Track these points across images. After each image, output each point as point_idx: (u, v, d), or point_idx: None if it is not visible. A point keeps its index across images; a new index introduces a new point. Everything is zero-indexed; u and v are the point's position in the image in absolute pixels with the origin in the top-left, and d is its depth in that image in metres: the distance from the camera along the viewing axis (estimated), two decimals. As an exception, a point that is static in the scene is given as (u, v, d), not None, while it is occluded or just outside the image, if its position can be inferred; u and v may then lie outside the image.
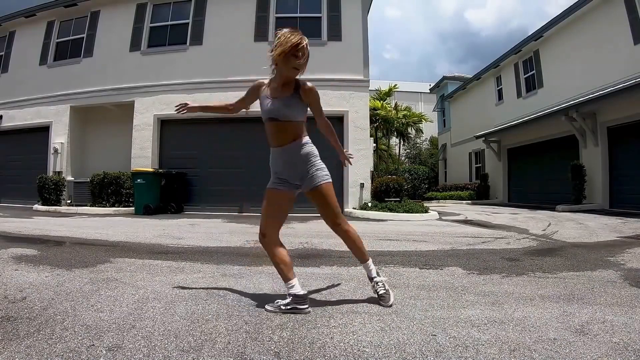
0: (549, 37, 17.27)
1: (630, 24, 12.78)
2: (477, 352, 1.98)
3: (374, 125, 20.31)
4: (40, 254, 4.67)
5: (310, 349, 2.01)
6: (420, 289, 3.26)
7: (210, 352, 1.94)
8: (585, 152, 14.41)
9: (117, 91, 13.85)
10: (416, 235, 7.00)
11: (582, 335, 2.21)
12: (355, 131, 12.60)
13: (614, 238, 6.52)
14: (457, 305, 2.80)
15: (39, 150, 14.75)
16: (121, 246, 5.53)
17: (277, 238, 2.80)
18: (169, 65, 13.48)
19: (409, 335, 2.20)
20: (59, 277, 3.47)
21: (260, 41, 13.03)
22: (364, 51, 12.89)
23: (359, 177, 12.40)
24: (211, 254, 4.98)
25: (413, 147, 32.73)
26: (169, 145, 13.66)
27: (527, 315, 2.57)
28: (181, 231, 7.43)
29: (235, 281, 3.49)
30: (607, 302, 2.88)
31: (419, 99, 37.98)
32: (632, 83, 11.40)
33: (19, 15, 15.67)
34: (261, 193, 2.87)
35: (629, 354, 1.95)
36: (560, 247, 5.62)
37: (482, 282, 3.50)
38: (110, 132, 14.70)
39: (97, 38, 14.54)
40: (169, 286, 3.26)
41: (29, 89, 15.11)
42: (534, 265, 4.25)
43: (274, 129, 2.72)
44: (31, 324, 2.27)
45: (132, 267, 4.03)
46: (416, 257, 4.79)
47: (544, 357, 1.92)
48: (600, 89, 13.29)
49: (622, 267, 4.12)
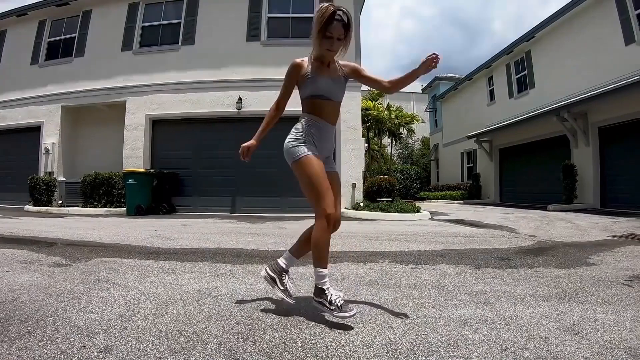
0: (541, 38, 17.39)
1: (622, 25, 12.89)
2: (469, 351, 1.99)
3: (366, 125, 20.36)
4: (31, 255, 4.63)
5: (302, 349, 2.01)
6: (412, 289, 3.27)
7: (202, 353, 1.94)
8: (576, 152, 14.52)
9: (108, 91, 13.78)
10: (408, 235, 7.01)
11: (574, 334, 2.23)
12: (347, 131, 12.60)
13: (605, 237, 6.56)
14: (448, 305, 2.81)
15: (30, 151, 14.65)
16: (113, 247, 5.50)
17: None
18: (161, 65, 13.43)
19: (400, 335, 2.21)
20: (50, 278, 3.44)
21: (252, 41, 13.03)
22: (356, 51, 12.89)
23: (351, 177, 12.41)
24: (203, 254, 4.96)
25: (405, 147, 32.76)
26: (160, 145, 13.61)
27: (518, 314, 2.59)
28: (173, 231, 7.40)
29: (227, 281, 3.48)
30: (598, 300, 2.90)
31: (411, 99, 38.02)
32: (623, 84, 11.50)
33: (10, 14, 15.52)
34: (252, 193, 2.84)
35: (620, 352, 1.97)
36: (552, 247, 5.65)
37: (473, 282, 3.51)
38: (101, 132, 14.63)
39: (89, 37, 14.46)
40: (161, 287, 3.25)
41: (20, 88, 15.01)
42: (526, 265, 4.27)
43: (326, 107, 2.69)
44: (22, 326, 2.25)
45: (124, 267, 4.01)
46: (408, 257, 4.80)
47: (536, 356, 1.93)
48: (592, 89, 13.40)
49: (613, 266, 4.15)
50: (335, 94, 2.70)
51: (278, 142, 2.83)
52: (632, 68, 12.05)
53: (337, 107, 2.76)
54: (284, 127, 3.06)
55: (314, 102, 2.67)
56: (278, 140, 2.93)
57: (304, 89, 2.68)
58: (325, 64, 2.70)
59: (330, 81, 2.66)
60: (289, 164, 2.66)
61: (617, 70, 12.68)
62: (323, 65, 2.69)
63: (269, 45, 12.97)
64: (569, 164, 14.02)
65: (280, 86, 2.76)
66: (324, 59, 2.68)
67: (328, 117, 2.69)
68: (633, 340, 2.12)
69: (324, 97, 2.66)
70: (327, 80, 2.65)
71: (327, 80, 2.65)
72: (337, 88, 2.71)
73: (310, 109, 2.69)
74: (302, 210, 11.84)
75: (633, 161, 12.22)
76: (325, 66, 2.70)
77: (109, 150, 13.91)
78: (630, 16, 12.61)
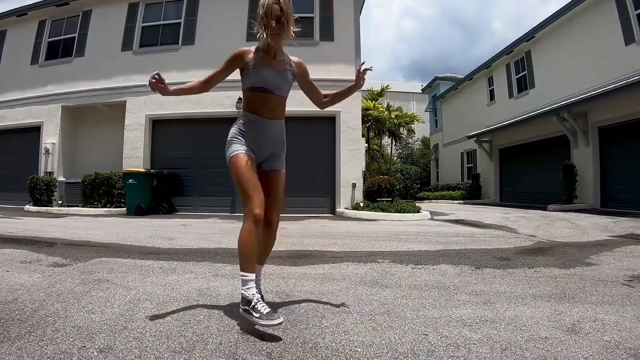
0: (541, 38, 17.38)
1: (622, 25, 12.88)
2: (469, 351, 1.99)
3: (366, 125, 20.31)
4: (31, 255, 4.63)
5: (302, 349, 2.01)
6: (412, 289, 3.27)
7: (202, 353, 1.94)
8: (576, 152, 14.51)
9: (108, 91, 13.78)
10: (408, 235, 7.02)
11: (574, 334, 2.23)
12: (348, 131, 12.61)
13: (605, 237, 6.56)
14: (448, 305, 2.81)
15: (30, 151, 14.65)
16: (113, 247, 5.50)
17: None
18: (160, 65, 13.34)
19: (400, 335, 2.21)
20: (50, 278, 3.44)
21: (252, 41, 12.93)
22: (356, 51, 12.91)
23: (351, 177, 12.41)
24: (203, 254, 4.96)
25: (405, 147, 32.72)
26: (160, 145, 13.62)
27: (518, 314, 2.58)
28: (173, 232, 7.40)
29: (227, 281, 3.48)
30: (598, 300, 2.90)
31: (411, 99, 37.99)
32: (623, 84, 11.49)
33: (10, 14, 15.51)
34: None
35: (620, 352, 1.97)
36: (552, 247, 5.65)
37: (473, 282, 3.51)
38: (101, 132, 14.64)
39: (89, 37, 14.45)
40: (161, 287, 3.25)
41: (20, 88, 15.00)
42: (526, 265, 4.27)
43: (264, 101, 2.57)
44: (22, 326, 2.25)
45: (124, 268, 4.01)
46: (408, 257, 4.80)
47: (536, 356, 1.93)
48: (592, 89, 13.39)
49: (613, 266, 4.15)
50: (278, 87, 2.58)
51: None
52: (632, 68, 12.04)
53: (281, 101, 2.64)
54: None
55: (254, 96, 2.58)
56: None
57: (246, 80, 2.60)
58: (271, 55, 2.58)
59: (273, 72, 2.56)
60: None
61: (617, 70, 12.67)
62: (269, 57, 2.58)
63: (269, 45, 12.91)
64: (569, 164, 14.02)
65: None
66: (269, 50, 2.56)
67: (269, 113, 2.58)
68: (633, 340, 2.12)
69: (265, 89, 2.55)
70: (270, 71, 2.55)
71: (270, 72, 2.55)
72: (281, 81, 2.59)
73: (248, 105, 2.62)
74: (303, 210, 11.84)
75: (633, 161, 12.22)
76: (271, 57, 2.58)
77: (109, 150, 13.91)
78: (630, 16, 12.60)
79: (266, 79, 2.54)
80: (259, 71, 2.54)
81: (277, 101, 2.61)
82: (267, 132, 2.60)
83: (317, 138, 12.81)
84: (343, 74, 12.77)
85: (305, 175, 12.26)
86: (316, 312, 2.60)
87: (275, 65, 2.58)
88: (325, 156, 12.69)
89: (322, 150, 12.74)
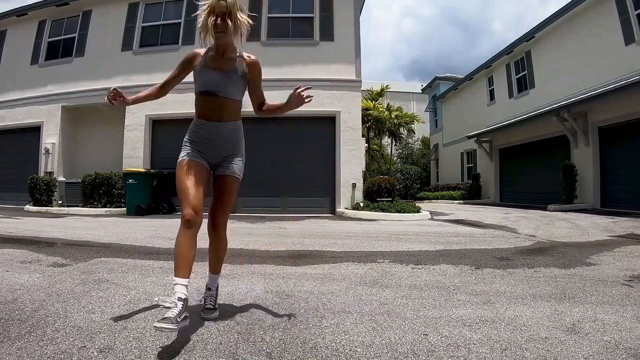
0: (541, 38, 17.38)
1: (622, 25, 12.88)
2: (469, 351, 1.99)
3: (366, 125, 20.31)
4: (31, 255, 4.63)
5: (302, 350, 2.01)
6: (412, 289, 3.27)
7: (202, 353, 1.94)
8: (576, 152, 14.51)
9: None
10: (408, 235, 7.02)
11: (574, 333, 2.23)
12: (348, 131, 12.60)
13: (605, 237, 6.57)
14: (448, 305, 2.81)
15: (30, 151, 14.64)
16: (113, 247, 5.50)
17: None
18: (160, 65, 13.35)
19: (400, 335, 2.21)
20: (50, 278, 3.44)
21: (252, 41, 12.99)
22: (356, 51, 12.91)
23: (351, 177, 12.40)
24: (203, 254, 4.95)
25: (405, 147, 32.72)
26: (160, 145, 13.61)
27: (518, 314, 2.59)
28: (173, 232, 7.35)
29: (227, 281, 3.48)
30: (598, 300, 2.90)
31: (411, 99, 37.99)
32: (623, 84, 11.49)
33: (10, 14, 15.51)
34: (252, 193, 2.81)
35: (620, 352, 1.97)
36: (552, 247, 5.65)
37: (473, 282, 3.51)
38: (101, 132, 14.64)
39: (89, 37, 14.45)
40: (161, 287, 3.25)
41: (20, 88, 15.00)
42: (526, 265, 4.27)
43: (209, 104, 2.49)
44: (22, 326, 2.25)
45: (124, 268, 4.01)
46: (408, 257, 4.80)
47: (536, 356, 1.93)
48: (592, 89, 13.39)
49: (613, 266, 4.15)
50: (222, 89, 2.47)
51: (278, 142, 2.83)
52: (632, 68, 12.04)
53: (228, 104, 2.50)
54: (283, 129, 3.04)
55: (200, 99, 2.52)
56: (278, 140, 2.93)
57: (195, 84, 2.53)
58: (219, 54, 2.52)
59: (218, 75, 2.47)
60: None
61: (617, 70, 12.67)
62: (217, 55, 2.52)
63: (269, 45, 12.93)
64: (569, 164, 14.02)
65: (280, 86, 2.74)
66: (217, 48, 2.51)
67: (215, 115, 2.49)
68: (633, 340, 2.12)
69: (209, 92, 2.47)
70: (214, 73, 2.47)
71: (214, 74, 2.47)
72: (227, 82, 2.48)
73: (196, 108, 2.57)
74: (303, 210, 11.84)
75: (633, 161, 12.22)
76: (219, 56, 2.52)
77: (109, 150, 13.90)
78: (630, 16, 12.60)
79: (211, 81, 2.47)
80: (203, 74, 2.49)
81: (224, 104, 2.50)
82: (216, 135, 2.53)
83: (317, 138, 12.79)
84: (343, 74, 12.80)
85: (305, 175, 12.27)
86: (316, 312, 2.60)
87: (224, 66, 2.51)
88: (325, 156, 12.67)
89: (322, 150, 12.72)
